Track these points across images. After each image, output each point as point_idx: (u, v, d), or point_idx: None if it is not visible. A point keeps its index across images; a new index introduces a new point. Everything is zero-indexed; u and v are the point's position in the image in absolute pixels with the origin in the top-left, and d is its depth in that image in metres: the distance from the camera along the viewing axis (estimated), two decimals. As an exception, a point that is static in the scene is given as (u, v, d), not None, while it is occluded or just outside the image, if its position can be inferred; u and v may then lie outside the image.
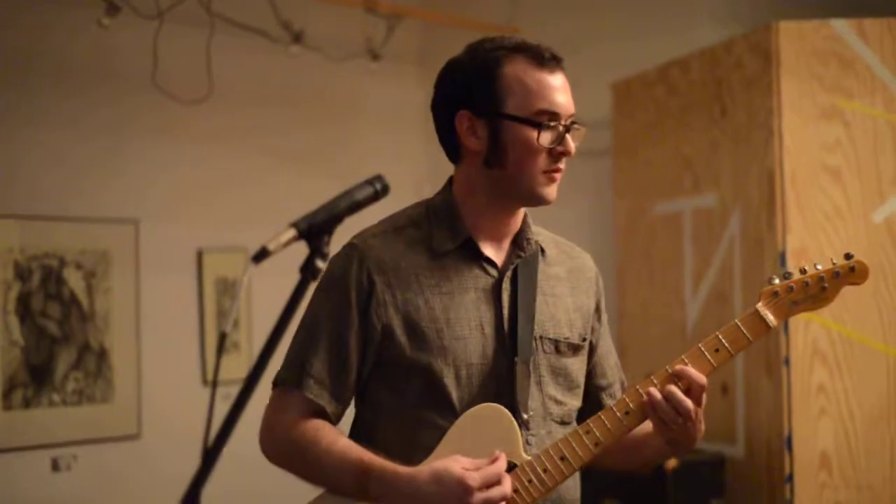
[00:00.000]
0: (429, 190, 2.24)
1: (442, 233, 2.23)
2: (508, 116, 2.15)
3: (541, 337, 2.24)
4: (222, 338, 1.47)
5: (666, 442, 2.23)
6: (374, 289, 2.18)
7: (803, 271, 2.22)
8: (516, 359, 2.18)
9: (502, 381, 2.18)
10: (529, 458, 2.16)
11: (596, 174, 4.87)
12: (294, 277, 1.64)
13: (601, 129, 4.97)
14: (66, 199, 4.58)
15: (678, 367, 2.17)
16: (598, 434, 2.17)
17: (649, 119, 4.63)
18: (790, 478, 3.77)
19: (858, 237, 3.82)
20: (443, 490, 2.03)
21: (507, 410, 2.15)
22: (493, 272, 2.24)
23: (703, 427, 2.21)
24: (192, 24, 4.69)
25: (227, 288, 5.03)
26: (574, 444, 2.17)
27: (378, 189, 1.80)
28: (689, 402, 2.13)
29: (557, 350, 2.26)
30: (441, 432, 2.15)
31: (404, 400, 2.19)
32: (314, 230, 1.66)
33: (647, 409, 2.16)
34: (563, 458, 2.16)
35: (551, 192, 2.20)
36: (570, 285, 2.33)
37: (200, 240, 4.98)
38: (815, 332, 3.75)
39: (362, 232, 2.26)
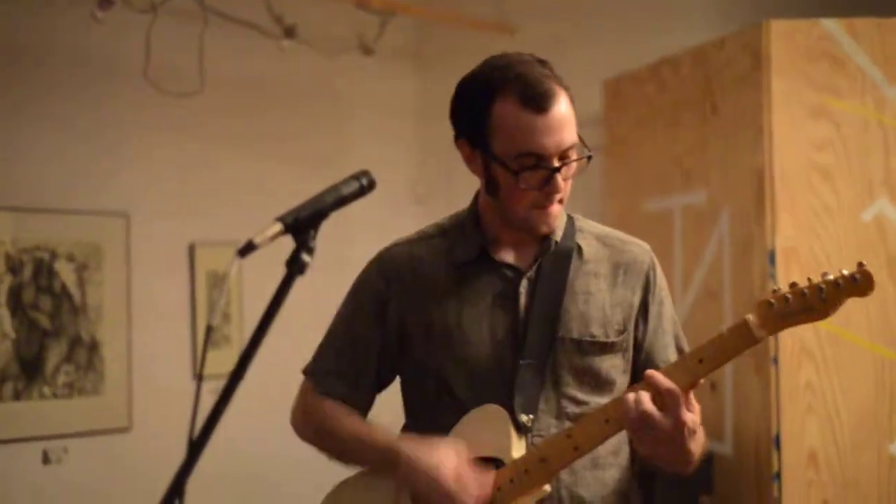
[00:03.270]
0: (422, 185, 2.26)
1: (462, 243, 2.32)
2: (495, 157, 2.18)
3: (562, 337, 2.25)
4: (209, 331, 1.47)
5: (643, 454, 2.13)
6: (390, 295, 2.33)
7: (809, 281, 2.07)
8: (521, 361, 2.22)
9: (506, 383, 2.23)
10: (516, 457, 2.19)
11: (587, 171, 4.86)
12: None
13: (592, 127, 4.98)
14: (57, 193, 4.59)
15: (649, 372, 2.09)
16: (578, 439, 2.15)
17: (640, 116, 4.64)
18: (778, 475, 3.79)
19: (847, 236, 3.83)
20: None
21: (504, 411, 2.20)
22: (513, 275, 2.28)
23: (689, 446, 2.07)
24: (184, 17, 4.70)
25: (219, 282, 5.04)
26: (555, 447, 2.16)
27: (364, 184, 1.81)
28: (652, 411, 2.02)
29: (581, 350, 2.26)
30: (447, 422, 2.26)
31: (421, 398, 2.35)
32: (300, 225, 1.67)
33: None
34: (543, 460, 2.16)
35: (542, 223, 2.23)
36: (610, 281, 2.32)
37: (192, 233, 4.99)
38: (802, 330, 3.76)
39: (396, 240, 2.41)
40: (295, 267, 1.63)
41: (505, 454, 2.19)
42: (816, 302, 2.04)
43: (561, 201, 2.23)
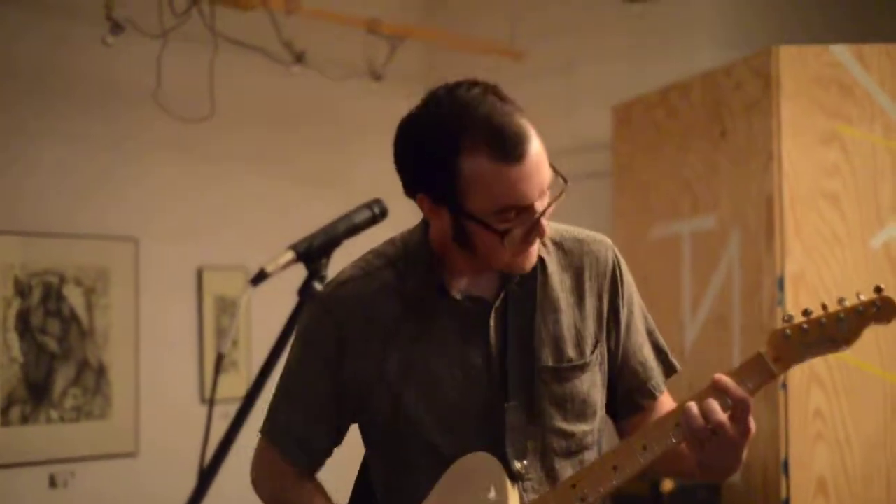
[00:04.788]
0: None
1: (417, 277, 2.08)
2: (470, 217, 1.94)
3: (540, 367, 2.06)
4: (220, 359, 1.48)
5: (698, 464, 2.01)
6: (344, 350, 2.09)
7: (825, 308, 1.93)
8: (506, 404, 2.04)
9: (493, 428, 2.04)
10: None
11: (596, 196, 4.88)
12: (293, 297, 1.64)
13: (601, 152, 4.98)
14: (66, 216, 4.59)
15: (719, 377, 1.95)
16: (583, 489, 2.00)
17: (649, 141, 4.64)
18: (786, 502, 3.77)
19: (857, 263, 3.82)
20: None
21: (495, 461, 2.02)
22: (478, 309, 2.07)
23: (744, 454, 1.98)
24: (195, 43, 4.71)
25: (227, 307, 5.04)
26: (561, 499, 2.01)
27: (376, 213, 1.79)
28: (725, 422, 1.91)
29: (559, 378, 2.08)
30: (431, 482, 2.06)
31: (393, 450, 2.13)
32: (312, 253, 1.66)
33: (666, 447, 1.97)
34: None
35: (527, 265, 2.02)
36: (576, 293, 2.13)
37: (200, 258, 4.99)
38: (812, 356, 3.75)
39: (333, 279, 2.12)
40: (307, 295, 1.63)
41: None
42: (836, 332, 1.91)
43: (543, 237, 2.02)
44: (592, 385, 2.13)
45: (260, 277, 1.60)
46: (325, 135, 5.45)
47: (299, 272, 1.67)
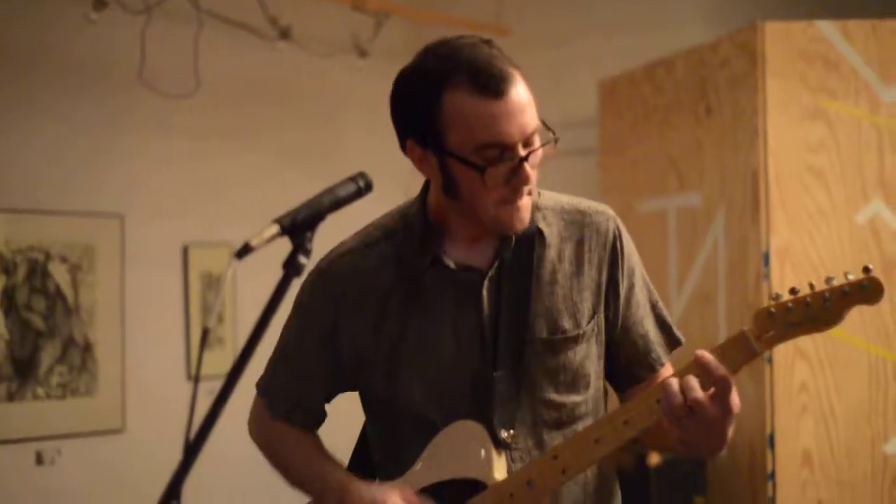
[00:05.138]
0: (416, 187, 2.21)
1: (413, 247, 2.11)
2: (452, 154, 1.96)
3: (533, 338, 2.07)
4: (205, 333, 1.47)
5: (679, 441, 1.98)
6: (340, 320, 2.13)
7: (811, 287, 1.91)
8: (496, 373, 2.05)
9: (481, 397, 2.06)
10: (499, 480, 2.04)
11: (582, 172, 4.88)
12: (278, 273, 1.64)
13: (588, 128, 4.98)
14: (51, 193, 4.58)
15: (700, 353, 1.93)
16: (565, 460, 2.01)
17: (635, 117, 4.65)
18: (772, 475, 3.79)
19: (842, 238, 3.84)
20: None
21: (481, 428, 2.05)
22: (472, 278, 2.08)
23: (728, 433, 1.95)
24: (179, 19, 4.69)
25: (213, 283, 5.03)
26: (542, 470, 2.02)
27: (361, 186, 1.79)
28: (703, 399, 1.89)
29: (553, 349, 2.09)
30: (420, 449, 2.10)
31: (387, 419, 2.18)
32: (297, 227, 1.65)
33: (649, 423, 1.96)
34: (529, 483, 2.02)
35: (515, 220, 2.01)
36: (576, 263, 2.13)
37: (186, 235, 4.98)
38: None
39: (333, 250, 2.19)
40: (292, 269, 1.62)
41: (486, 475, 2.04)
42: (821, 311, 1.89)
43: (529, 193, 2.01)
44: (586, 356, 2.13)
45: (244, 251, 1.60)
46: (310, 111, 5.44)
47: (284, 246, 1.66)
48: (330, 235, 1.96)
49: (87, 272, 4.65)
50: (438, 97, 1.95)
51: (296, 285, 1.65)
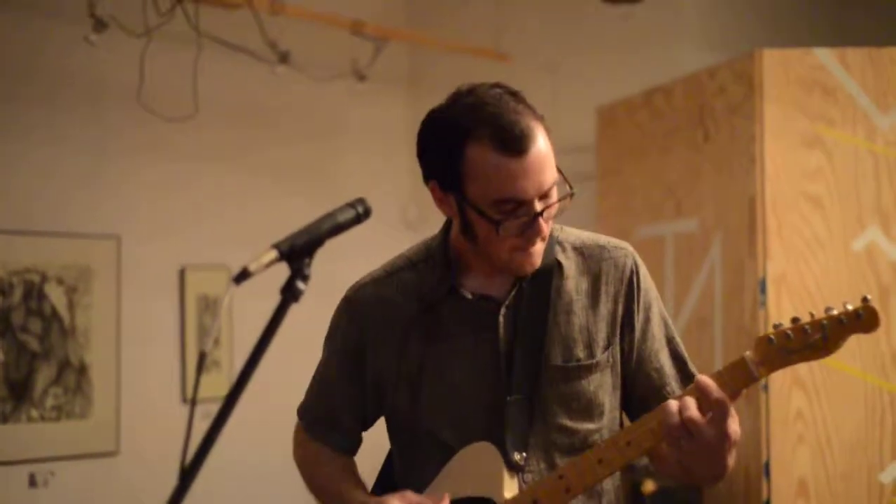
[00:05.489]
0: (414, 211, 2.23)
1: (432, 280, 2.21)
2: (470, 203, 2.05)
3: (547, 365, 2.15)
4: (202, 357, 1.47)
5: (678, 465, 2.05)
6: (364, 345, 2.24)
7: (812, 316, 1.97)
8: (509, 398, 2.13)
9: (496, 421, 2.14)
10: (507, 497, 2.11)
11: (580, 198, 4.86)
12: (276, 297, 1.64)
13: (585, 153, 4.99)
14: (48, 215, 4.58)
15: (700, 377, 2.00)
16: (569, 480, 2.08)
17: (633, 144, 4.65)
18: (768, 503, 3.78)
19: (838, 265, 3.84)
20: None
21: (494, 449, 2.12)
22: (490, 307, 2.17)
23: (727, 461, 2.00)
24: (179, 42, 4.70)
25: (209, 306, 5.03)
26: (547, 489, 2.09)
27: (360, 212, 1.79)
28: (698, 419, 1.94)
29: (567, 377, 2.16)
30: (437, 471, 2.19)
31: (406, 441, 2.28)
32: (295, 252, 1.66)
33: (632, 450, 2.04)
34: (535, 501, 2.09)
35: (527, 265, 2.11)
36: (592, 297, 2.21)
37: (183, 257, 4.98)
38: (794, 358, 3.76)
39: (361, 279, 2.30)
40: (290, 294, 1.63)
41: (496, 494, 2.11)
42: (819, 340, 1.95)
43: (543, 239, 2.10)
44: (600, 386, 2.19)
45: (242, 276, 1.60)
46: (309, 134, 5.45)
47: (282, 271, 1.66)
48: (323, 258, 1.96)
49: (84, 294, 4.64)
50: (461, 148, 2.03)
51: (293, 310, 1.64)
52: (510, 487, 2.12)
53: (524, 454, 2.13)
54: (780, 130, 3.89)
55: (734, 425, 1.97)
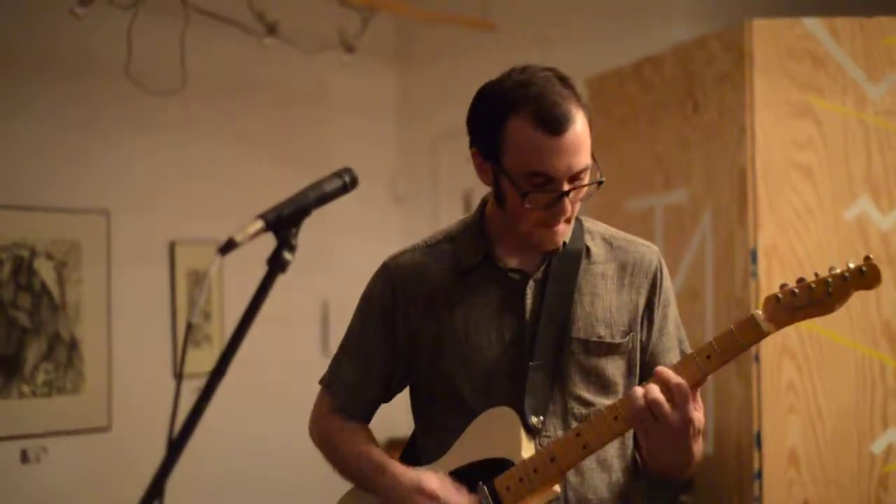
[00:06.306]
0: (402, 184, 2.24)
1: (469, 248, 2.33)
2: (504, 171, 2.19)
3: (570, 338, 2.27)
4: (189, 328, 1.46)
5: (647, 452, 2.19)
6: (397, 305, 2.35)
7: (816, 275, 2.11)
8: (531, 363, 2.24)
9: (515, 386, 2.25)
10: (525, 457, 2.21)
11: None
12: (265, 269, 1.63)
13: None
14: (37, 190, 4.56)
15: (659, 368, 2.12)
16: (587, 437, 2.17)
17: (622, 115, 4.64)
18: (759, 474, 3.79)
19: (829, 235, 3.84)
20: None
21: (513, 412, 2.23)
22: (519, 279, 2.29)
23: (693, 446, 2.13)
24: (166, 14, 4.68)
25: (199, 280, 5.02)
26: (565, 446, 2.18)
27: (347, 181, 1.79)
28: (661, 401, 2.07)
29: (587, 350, 2.28)
30: (459, 433, 2.29)
31: (430, 403, 2.38)
32: (282, 222, 1.65)
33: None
34: (553, 459, 2.18)
35: (548, 241, 2.25)
36: (617, 283, 2.34)
37: (173, 231, 4.97)
38: (784, 329, 3.76)
39: (403, 248, 2.42)
40: (276, 264, 1.62)
41: (515, 455, 2.22)
42: (823, 295, 2.08)
43: (568, 220, 2.24)
44: (617, 369, 2.32)
45: (229, 246, 1.60)
46: (297, 106, 5.43)
47: (271, 244, 1.66)
48: (312, 231, 1.95)
49: (73, 269, 4.63)
50: (504, 120, 2.17)
51: (279, 281, 1.63)
52: (528, 449, 2.22)
53: (541, 418, 2.24)
54: (770, 101, 3.88)
55: (697, 413, 2.09)
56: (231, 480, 4.87)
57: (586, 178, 2.22)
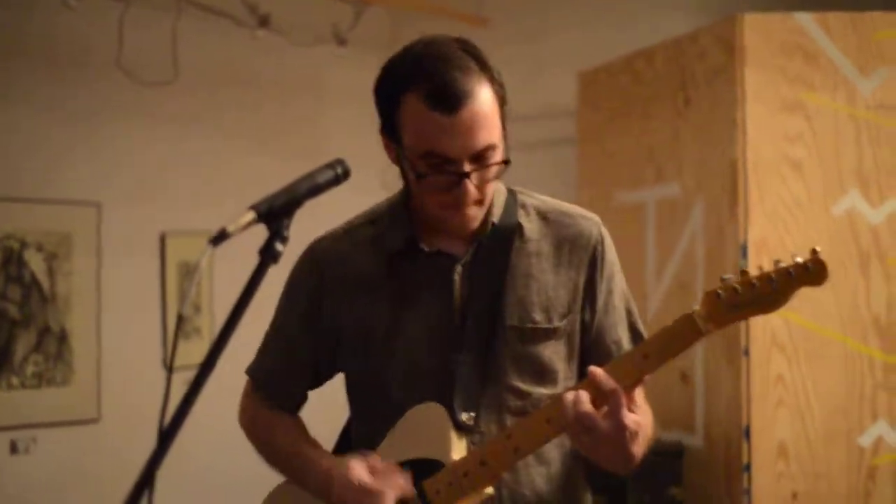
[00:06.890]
0: (393, 176, 2.22)
1: (393, 232, 2.17)
2: (405, 153, 2.03)
3: (502, 325, 2.10)
4: (179, 320, 1.46)
5: (583, 456, 2.02)
6: (323, 292, 2.20)
7: (760, 269, 1.93)
8: (459, 356, 2.08)
9: (445, 380, 2.08)
10: (455, 458, 2.06)
11: (560, 163, 4.88)
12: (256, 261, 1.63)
13: (566, 118, 4.98)
14: (27, 181, 4.55)
15: (591, 369, 1.93)
16: (518, 440, 2.01)
17: (614, 108, 4.64)
18: (748, 467, 3.80)
19: (819, 229, 3.85)
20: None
21: (443, 410, 2.07)
22: (446, 263, 2.12)
23: (631, 449, 1.90)
24: (158, 6, 4.67)
25: (190, 272, 5.01)
26: (496, 449, 2.03)
27: (339, 173, 1.78)
28: (591, 413, 1.89)
29: (522, 338, 2.11)
30: (389, 425, 2.14)
31: (360, 398, 2.25)
32: (274, 213, 1.64)
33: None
34: (483, 463, 2.03)
35: (459, 224, 2.07)
36: (554, 261, 2.16)
37: (164, 223, 4.96)
38: (774, 322, 3.78)
39: (326, 232, 2.28)
40: (268, 255, 1.61)
41: (444, 456, 2.06)
42: (767, 293, 1.89)
43: (480, 202, 2.05)
44: (555, 353, 2.15)
45: (220, 237, 1.59)
46: (289, 99, 5.42)
47: (262, 236, 1.65)
48: (302, 221, 1.95)
49: (64, 260, 4.62)
50: (399, 98, 2.01)
51: (272, 273, 1.63)
52: (458, 449, 2.07)
53: (472, 414, 2.08)
54: (761, 95, 3.88)
55: (631, 416, 1.89)
56: (219, 472, 4.87)
57: (494, 157, 2.00)
